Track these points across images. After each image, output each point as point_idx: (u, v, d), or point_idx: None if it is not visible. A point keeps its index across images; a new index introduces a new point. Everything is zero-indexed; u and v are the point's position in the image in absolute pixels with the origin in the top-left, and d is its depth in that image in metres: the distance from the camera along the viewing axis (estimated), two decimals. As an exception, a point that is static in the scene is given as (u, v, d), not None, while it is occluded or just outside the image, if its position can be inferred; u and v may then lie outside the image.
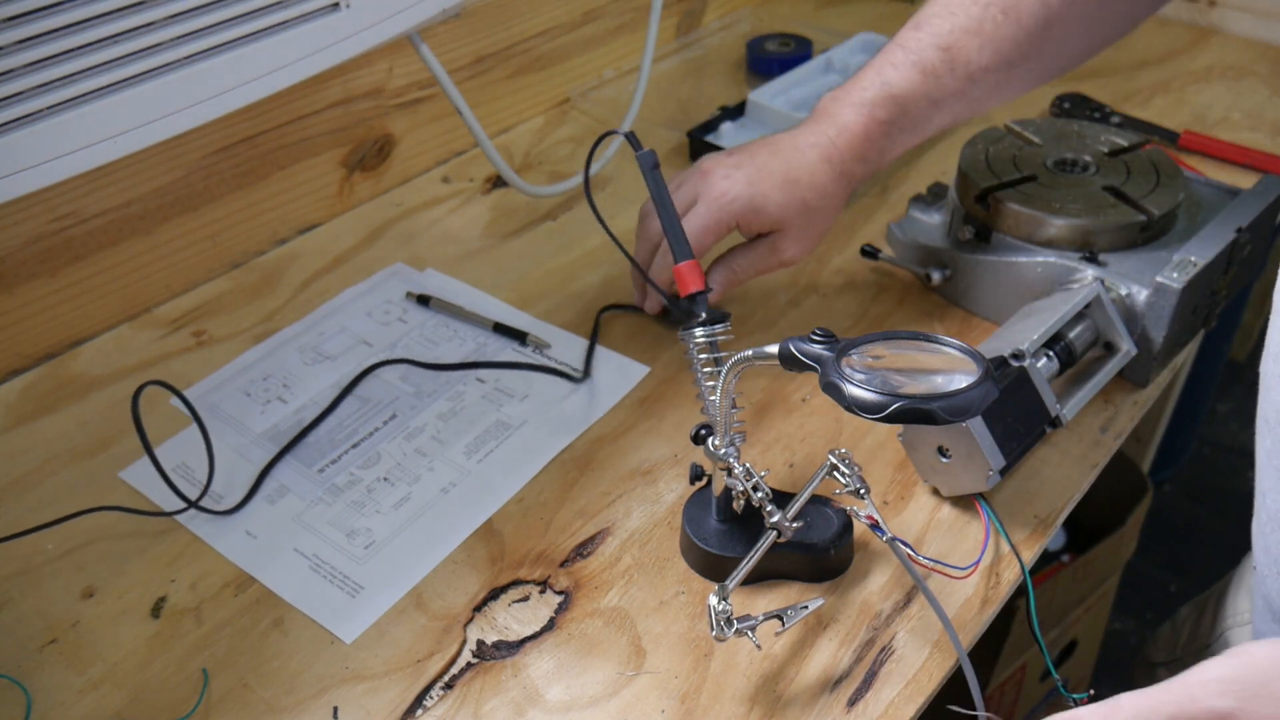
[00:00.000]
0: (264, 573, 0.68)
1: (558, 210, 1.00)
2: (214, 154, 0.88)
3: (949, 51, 0.73)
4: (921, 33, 0.75)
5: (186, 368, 0.83)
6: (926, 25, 0.75)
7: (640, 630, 0.63)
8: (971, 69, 0.74)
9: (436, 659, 0.62)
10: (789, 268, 0.81)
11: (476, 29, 1.03)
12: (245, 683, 0.61)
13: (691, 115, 1.12)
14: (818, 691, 0.60)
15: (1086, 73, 1.18)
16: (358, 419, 0.78)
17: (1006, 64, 0.74)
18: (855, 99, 0.75)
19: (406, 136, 1.03)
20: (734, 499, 0.64)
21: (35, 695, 0.61)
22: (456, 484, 0.73)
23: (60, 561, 0.69)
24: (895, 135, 0.76)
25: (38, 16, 0.57)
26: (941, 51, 0.74)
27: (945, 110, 0.76)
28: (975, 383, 0.47)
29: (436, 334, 0.86)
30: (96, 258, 0.84)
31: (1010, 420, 0.66)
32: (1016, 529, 0.69)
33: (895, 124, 0.75)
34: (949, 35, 0.74)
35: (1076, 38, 0.77)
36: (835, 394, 0.48)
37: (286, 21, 0.68)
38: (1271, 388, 0.55)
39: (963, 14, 0.74)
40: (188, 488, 0.73)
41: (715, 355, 0.64)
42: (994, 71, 0.74)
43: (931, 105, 0.75)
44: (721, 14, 1.32)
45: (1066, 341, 0.72)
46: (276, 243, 0.96)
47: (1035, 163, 0.83)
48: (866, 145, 0.75)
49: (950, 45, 0.73)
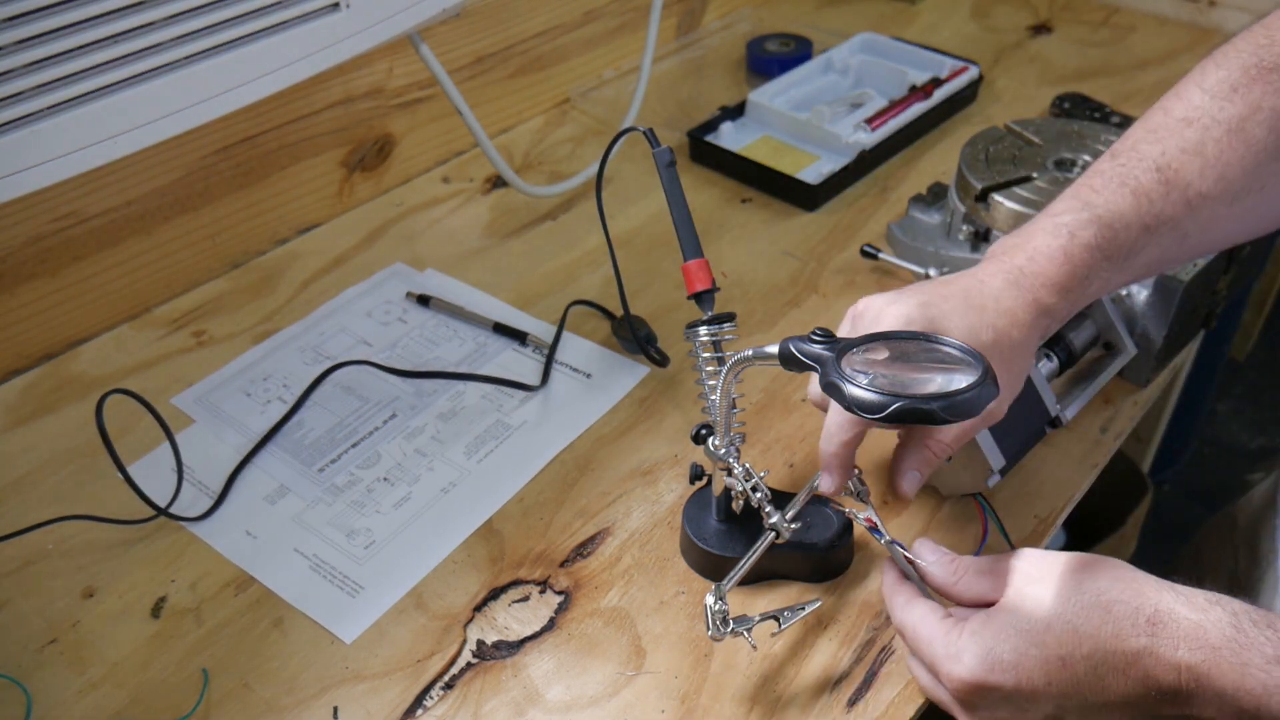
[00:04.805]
0: (264, 573, 0.68)
1: (558, 210, 1.00)
2: (214, 154, 0.88)
3: (1164, 173, 0.61)
4: (1124, 159, 0.62)
5: (186, 368, 0.83)
6: (1129, 152, 0.63)
7: (640, 630, 0.63)
8: (1191, 194, 0.61)
9: (437, 659, 0.62)
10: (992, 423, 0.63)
11: (476, 29, 1.03)
12: (245, 683, 0.61)
13: (691, 115, 1.11)
14: (818, 691, 0.60)
15: (1086, 73, 1.19)
16: (358, 419, 0.78)
17: (1231, 194, 0.61)
18: (1047, 225, 0.61)
19: (406, 136, 1.03)
20: (734, 499, 0.64)
21: (35, 695, 0.61)
22: (456, 484, 0.73)
23: (60, 561, 0.69)
24: (1100, 265, 0.61)
25: (38, 17, 0.57)
26: (1156, 173, 0.61)
27: (1159, 242, 0.62)
28: (975, 382, 0.47)
29: (436, 334, 0.86)
30: (96, 258, 0.84)
31: (1010, 420, 0.66)
32: (1016, 529, 0.69)
33: (1101, 250, 0.60)
34: (1162, 157, 0.61)
35: None
36: (835, 394, 0.48)
37: (286, 21, 0.68)
38: None
39: (1175, 136, 0.62)
40: (189, 489, 0.73)
41: (719, 355, 0.64)
42: (1217, 201, 0.61)
43: (1144, 232, 0.61)
44: (721, 14, 1.32)
45: (1066, 341, 0.72)
46: (276, 243, 0.96)
47: (1035, 162, 0.83)
48: (1067, 272, 0.60)
49: (1165, 166, 0.61)
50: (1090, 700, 0.50)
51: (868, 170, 1.04)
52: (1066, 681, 0.50)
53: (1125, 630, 0.48)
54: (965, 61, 1.13)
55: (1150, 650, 0.48)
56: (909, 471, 0.61)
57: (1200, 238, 0.63)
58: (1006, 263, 0.61)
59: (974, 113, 1.13)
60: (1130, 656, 0.48)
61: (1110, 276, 0.62)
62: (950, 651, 0.52)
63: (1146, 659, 0.48)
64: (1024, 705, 0.51)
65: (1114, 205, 0.61)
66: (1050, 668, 0.50)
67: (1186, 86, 0.63)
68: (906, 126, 1.05)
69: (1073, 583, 0.51)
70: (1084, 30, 1.28)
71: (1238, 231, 0.65)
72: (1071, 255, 0.60)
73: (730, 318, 0.64)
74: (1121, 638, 0.48)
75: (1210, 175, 0.61)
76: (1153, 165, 0.61)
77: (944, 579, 0.56)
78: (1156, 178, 0.61)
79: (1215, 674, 0.46)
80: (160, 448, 0.75)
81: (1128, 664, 0.48)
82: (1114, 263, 0.61)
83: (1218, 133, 0.61)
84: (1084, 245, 0.60)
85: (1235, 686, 0.46)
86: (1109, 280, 0.62)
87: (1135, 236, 0.61)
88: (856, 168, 1.01)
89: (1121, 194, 0.61)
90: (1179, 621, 0.48)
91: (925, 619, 0.55)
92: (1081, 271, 0.60)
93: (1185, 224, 0.61)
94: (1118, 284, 0.63)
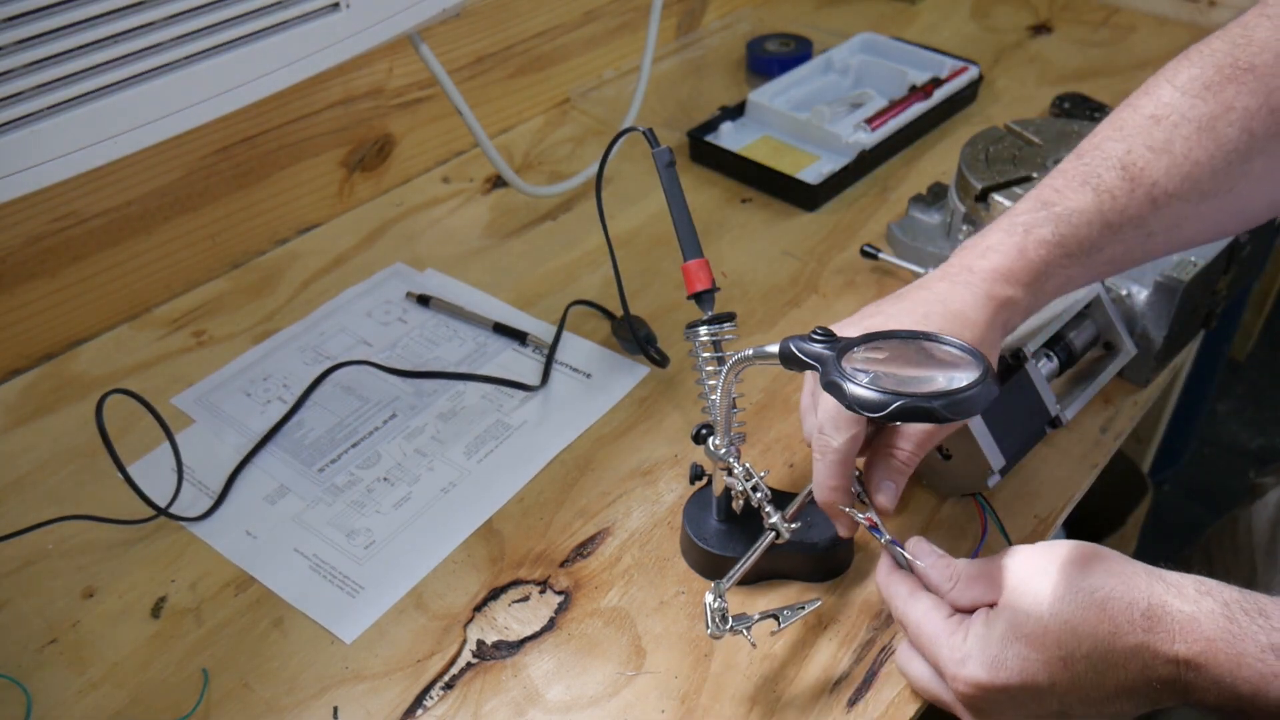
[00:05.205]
0: (264, 573, 0.67)
1: (558, 210, 1.00)
2: (214, 154, 0.88)
3: (1128, 170, 0.60)
4: (1088, 158, 0.62)
5: (186, 368, 0.83)
6: (1094, 151, 0.62)
7: (640, 630, 0.63)
8: (1157, 192, 0.60)
9: (437, 659, 0.62)
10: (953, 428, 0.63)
11: (476, 29, 1.03)
12: (245, 683, 0.61)
13: (691, 115, 1.11)
14: (818, 692, 0.60)
15: (1086, 72, 1.19)
16: (358, 419, 0.78)
17: (1199, 193, 0.60)
18: (1004, 224, 0.61)
19: (406, 136, 1.03)
20: (734, 499, 0.64)
21: (35, 695, 0.61)
22: (456, 484, 0.73)
23: (60, 561, 0.69)
24: (1058, 260, 0.60)
25: (38, 17, 0.57)
26: (1120, 170, 0.60)
27: (1122, 239, 0.61)
28: (976, 381, 0.47)
29: (436, 334, 0.86)
30: (96, 258, 0.84)
31: (1010, 420, 0.66)
32: (1016, 529, 0.69)
33: (1060, 246, 0.60)
34: (1128, 155, 0.60)
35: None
36: (837, 393, 0.48)
37: (287, 22, 0.68)
38: None
39: (1142, 134, 0.60)
40: (189, 489, 0.73)
41: (719, 355, 0.64)
42: (1182, 200, 0.60)
43: (1106, 229, 0.60)
44: (721, 14, 1.32)
45: (1066, 341, 0.72)
46: (276, 243, 0.96)
47: (1035, 162, 0.83)
48: (1021, 266, 0.59)
49: (1130, 164, 0.60)
50: (1092, 695, 0.50)
51: (868, 170, 1.04)
52: (1069, 679, 0.50)
53: (1122, 627, 0.49)
54: (965, 61, 1.13)
55: (1147, 645, 0.48)
56: (883, 483, 0.61)
57: (1167, 236, 0.62)
58: (955, 265, 0.61)
59: (974, 113, 1.13)
60: (1128, 652, 0.49)
61: (1072, 272, 0.61)
62: (955, 655, 0.53)
63: (1144, 653, 0.48)
64: (1029, 704, 0.52)
65: (1073, 203, 0.60)
66: (1053, 668, 0.50)
67: (1157, 83, 0.62)
68: (906, 126, 1.05)
69: (1066, 580, 0.51)
70: (1084, 30, 1.28)
71: (1206, 231, 0.64)
72: (1025, 250, 0.60)
73: (730, 317, 0.64)
74: (1119, 635, 0.49)
75: (1177, 174, 0.60)
76: (1117, 163, 0.60)
77: (939, 584, 0.56)
78: (1120, 175, 0.60)
79: (1212, 665, 0.47)
80: (160, 448, 0.75)
81: (1126, 659, 0.49)
82: (1075, 259, 0.60)
83: (1187, 130, 0.60)
84: (1039, 241, 0.60)
85: (1232, 675, 0.47)
86: (1072, 276, 0.61)
87: (1096, 233, 0.60)
88: (856, 168, 1.01)
89: (1082, 192, 0.60)
90: (1172, 615, 0.48)
91: (929, 616, 0.55)
92: (1038, 266, 0.60)
93: (1151, 222, 0.60)
94: (1083, 280, 0.62)
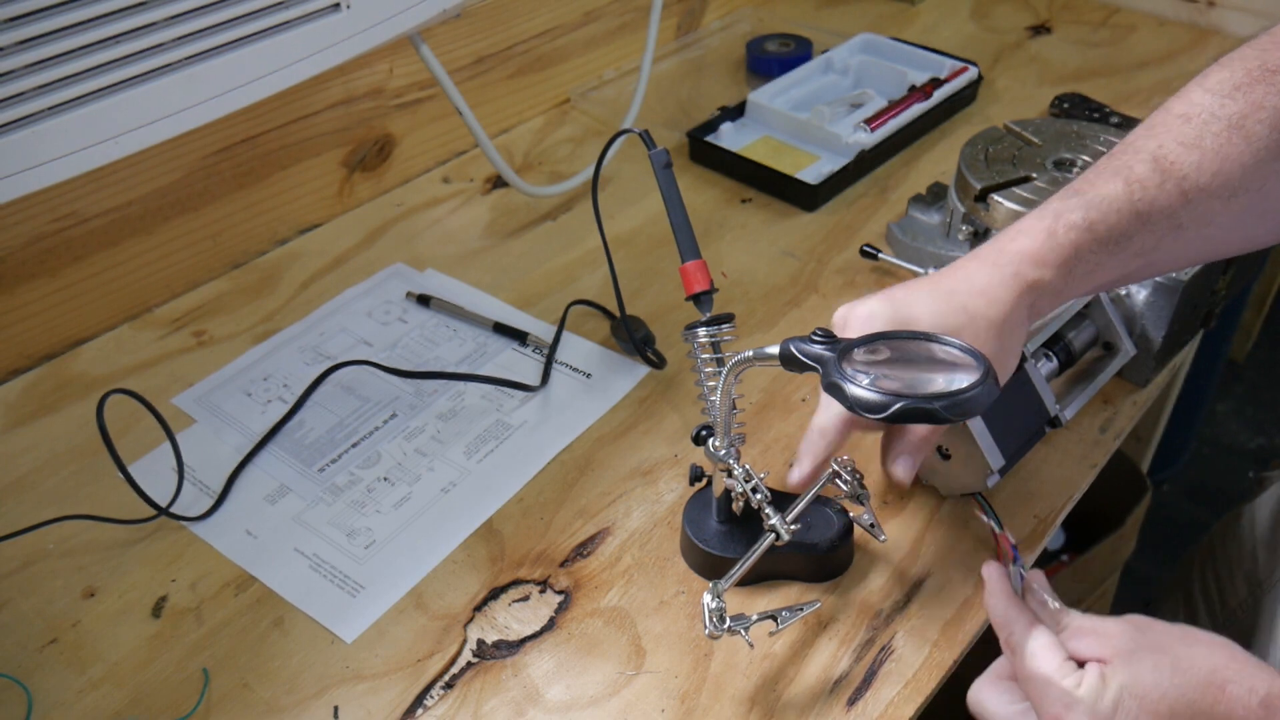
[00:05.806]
0: (264, 572, 0.68)
1: (558, 210, 1.00)
2: (214, 154, 0.88)
3: (1159, 163, 0.60)
4: (1120, 156, 0.62)
5: (186, 368, 0.83)
6: (1126, 148, 0.62)
7: (640, 630, 0.63)
8: (1187, 185, 0.60)
9: (437, 659, 0.62)
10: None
11: (476, 29, 1.03)
12: (245, 683, 0.61)
13: (691, 115, 1.12)
14: (818, 691, 0.60)
15: (1086, 73, 1.19)
16: (358, 419, 0.78)
17: (1229, 190, 0.60)
18: (1035, 211, 0.61)
19: (407, 137, 1.03)
20: (734, 500, 0.64)
21: (36, 695, 0.61)
22: (456, 484, 0.73)
23: (60, 561, 0.69)
24: (1089, 245, 0.59)
25: (38, 17, 0.57)
26: (1151, 163, 0.60)
27: (1151, 230, 0.60)
28: (977, 382, 0.47)
29: (436, 334, 0.86)
30: (96, 258, 0.84)
31: (1010, 420, 0.66)
32: (1016, 529, 0.69)
33: (1090, 230, 0.59)
34: (1159, 149, 0.61)
35: None
36: (838, 394, 0.48)
37: (287, 22, 0.68)
38: None
39: (1173, 131, 0.61)
40: (189, 488, 0.73)
41: (718, 356, 0.64)
42: (1212, 196, 0.60)
43: (1136, 218, 0.60)
44: (721, 14, 1.32)
45: (1066, 341, 0.72)
46: (276, 243, 0.96)
47: (1034, 162, 0.83)
48: (1050, 246, 0.59)
49: (1161, 157, 0.60)
50: None
51: (867, 170, 1.04)
52: None
53: (1237, 713, 0.49)
54: (965, 62, 1.13)
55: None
56: (900, 457, 0.61)
57: (1197, 232, 0.62)
58: (989, 247, 0.61)
59: (974, 113, 1.13)
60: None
61: (1102, 259, 0.60)
62: (1065, 699, 0.51)
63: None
64: None
65: (1104, 190, 0.60)
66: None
67: (1189, 88, 0.63)
68: (906, 127, 1.05)
69: (1188, 657, 0.51)
70: (1084, 30, 1.28)
71: (1235, 234, 0.64)
72: (1055, 233, 0.59)
73: (728, 319, 0.64)
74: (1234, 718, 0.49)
75: (1208, 169, 0.60)
76: (1148, 156, 0.60)
77: (1053, 625, 0.55)
78: (1151, 167, 0.60)
79: None
80: (161, 448, 0.75)
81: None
82: (1105, 246, 0.60)
83: (1217, 127, 0.60)
84: (1069, 225, 0.59)
85: None
86: (1101, 264, 0.60)
87: (1126, 221, 0.60)
88: (856, 168, 1.01)
89: (1113, 181, 0.60)
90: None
91: (1047, 652, 0.53)
92: (1067, 249, 0.59)
93: (1180, 215, 0.60)
94: (1113, 270, 0.61)
